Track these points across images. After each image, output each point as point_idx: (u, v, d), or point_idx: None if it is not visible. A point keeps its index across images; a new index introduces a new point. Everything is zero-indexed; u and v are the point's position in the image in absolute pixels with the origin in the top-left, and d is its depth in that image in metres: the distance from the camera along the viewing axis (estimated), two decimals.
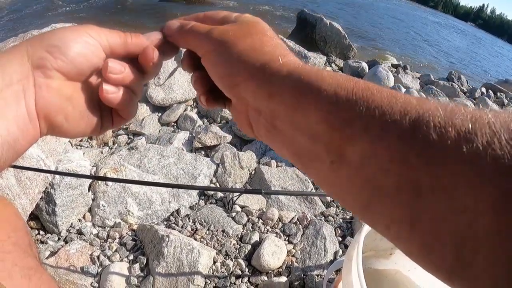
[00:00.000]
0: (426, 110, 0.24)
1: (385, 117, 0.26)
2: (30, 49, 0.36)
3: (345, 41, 6.02)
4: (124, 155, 1.91)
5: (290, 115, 0.32)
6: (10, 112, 0.35)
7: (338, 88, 0.29)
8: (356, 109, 0.27)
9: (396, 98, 0.27)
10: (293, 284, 1.44)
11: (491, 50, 27.63)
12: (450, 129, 0.22)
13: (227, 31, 0.39)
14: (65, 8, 9.44)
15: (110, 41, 0.41)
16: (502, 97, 6.24)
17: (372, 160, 0.26)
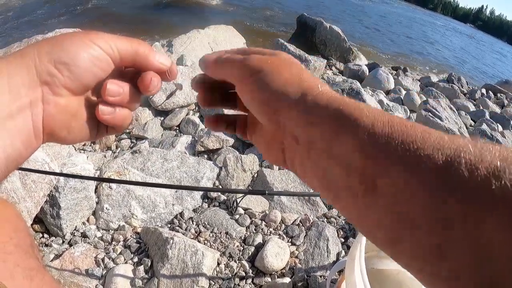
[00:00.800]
0: (458, 146, 0.25)
1: (419, 151, 0.26)
2: (38, 62, 0.36)
3: (345, 44, 6.04)
4: (127, 159, 1.93)
5: (327, 144, 0.32)
6: (16, 128, 0.35)
7: (375, 120, 0.30)
8: (392, 141, 0.28)
9: (430, 133, 0.27)
10: (296, 285, 1.45)
11: (491, 51, 27.64)
12: (480, 166, 0.23)
13: (265, 59, 0.39)
14: (67, 14, 9.49)
15: (120, 49, 0.40)
16: (502, 98, 6.25)
17: (404, 192, 0.26)
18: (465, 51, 21.22)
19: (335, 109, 0.33)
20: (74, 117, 0.40)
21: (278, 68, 0.38)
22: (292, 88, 0.36)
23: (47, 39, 0.38)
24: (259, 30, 10.17)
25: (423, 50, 15.33)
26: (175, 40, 3.80)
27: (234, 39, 4.73)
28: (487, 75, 14.40)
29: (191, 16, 10.50)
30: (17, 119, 0.35)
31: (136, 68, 0.43)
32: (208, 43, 4.15)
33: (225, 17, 10.52)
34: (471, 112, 4.49)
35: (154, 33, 7.63)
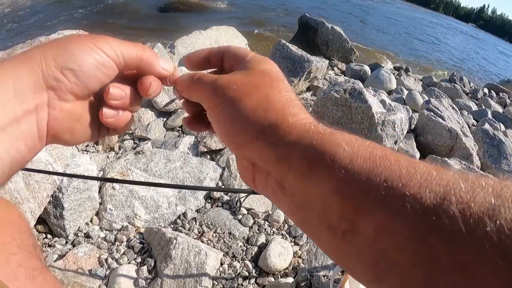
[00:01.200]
0: (448, 183, 0.23)
1: (404, 190, 0.24)
2: (45, 67, 0.36)
3: (347, 44, 6.04)
4: (130, 160, 1.93)
5: (300, 182, 0.30)
6: (21, 132, 0.35)
7: (354, 155, 0.28)
8: (372, 180, 0.26)
9: (415, 169, 0.25)
10: (299, 284, 1.45)
11: (493, 51, 27.58)
12: (473, 205, 0.21)
13: (232, 84, 0.37)
14: (70, 16, 9.53)
15: (124, 55, 0.40)
16: (505, 97, 6.23)
17: (387, 235, 0.24)
18: (467, 50, 21.18)
19: (307, 144, 0.30)
20: (78, 120, 0.40)
21: (245, 95, 0.36)
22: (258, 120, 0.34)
23: (53, 42, 0.38)
24: (261, 30, 10.18)
25: (424, 50, 15.30)
26: (177, 42, 3.80)
27: (236, 40, 4.73)
28: (489, 75, 14.36)
29: (195, 17, 10.52)
30: (23, 123, 0.35)
31: (138, 72, 0.44)
32: (210, 44, 4.15)
33: (227, 18, 10.54)
34: (474, 111, 4.48)
35: (156, 35, 7.65)
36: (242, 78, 0.37)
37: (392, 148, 0.29)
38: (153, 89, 0.43)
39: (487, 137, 2.91)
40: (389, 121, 2.32)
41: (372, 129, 2.28)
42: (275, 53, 3.31)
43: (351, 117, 2.33)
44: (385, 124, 2.31)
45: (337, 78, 4.22)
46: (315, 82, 3.59)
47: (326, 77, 3.91)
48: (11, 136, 0.34)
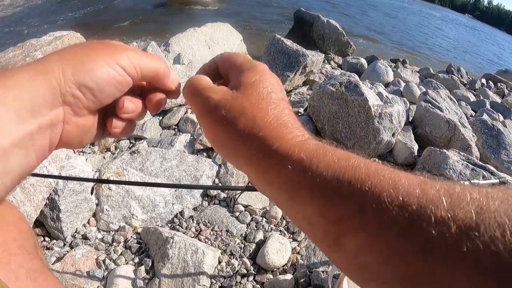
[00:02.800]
0: (429, 202, 0.24)
1: (383, 213, 0.25)
2: (63, 83, 0.35)
3: (343, 38, 6.01)
4: (126, 159, 1.92)
5: (289, 204, 0.32)
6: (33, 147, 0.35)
7: (334, 181, 0.29)
8: (352, 205, 0.27)
9: (398, 189, 0.26)
10: (298, 281, 1.44)
11: (490, 41, 27.54)
12: (452, 224, 0.22)
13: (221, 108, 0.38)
14: (64, 17, 9.48)
15: (142, 69, 0.41)
16: (503, 87, 6.22)
17: (368, 252, 0.26)
18: (464, 41, 21.14)
19: (291, 170, 0.32)
20: (88, 132, 0.41)
21: (233, 120, 0.36)
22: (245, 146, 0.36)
23: (72, 54, 0.37)
24: (256, 26, 10.14)
25: (422, 41, 15.26)
26: (171, 39, 3.78)
27: (231, 36, 4.71)
28: (487, 65, 14.34)
29: (189, 14, 10.48)
30: (36, 137, 0.35)
31: (148, 84, 0.44)
32: (205, 41, 4.13)
33: (222, 14, 10.49)
34: (472, 102, 4.47)
35: (150, 33, 7.62)
36: (231, 100, 0.38)
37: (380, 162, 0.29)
38: (162, 106, 0.45)
39: (486, 127, 2.90)
40: (386, 113, 2.31)
41: (369, 122, 2.27)
42: (270, 48, 3.29)
43: (348, 110, 2.32)
44: (382, 117, 2.29)
45: (333, 71, 4.20)
46: (311, 76, 3.57)
47: (322, 71, 3.89)
48: (24, 150, 0.34)
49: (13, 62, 2.02)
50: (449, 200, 0.23)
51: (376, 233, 0.25)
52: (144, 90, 0.44)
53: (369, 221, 0.26)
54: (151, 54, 0.43)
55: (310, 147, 0.33)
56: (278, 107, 0.38)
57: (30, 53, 2.12)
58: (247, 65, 0.42)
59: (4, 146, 0.32)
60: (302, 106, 2.91)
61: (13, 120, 0.32)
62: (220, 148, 0.39)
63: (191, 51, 3.76)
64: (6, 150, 0.32)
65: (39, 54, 2.14)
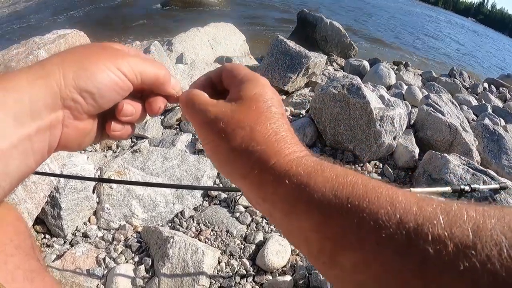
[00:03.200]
0: (426, 220, 0.24)
1: (381, 231, 0.25)
2: (63, 87, 0.35)
3: (346, 40, 6.01)
4: (128, 158, 1.93)
5: (284, 220, 0.32)
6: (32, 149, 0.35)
7: (332, 196, 0.29)
8: (350, 221, 0.27)
9: (396, 206, 0.26)
10: (297, 282, 1.44)
11: (493, 45, 27.50)
12: (449, 242, 0.22)
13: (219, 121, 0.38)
14: (66, 15, 9.50)
15: (143, 75, 0.41)
16: (505, 92, 6.21)
17: (365, 269, 0.26)
18: (467, 45, 21.11)
19: (287, 186, 0.32)
20: (87, 135, 0.41)
21: (231, 133, 0.37)
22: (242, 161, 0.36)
23: (72, 57, 0.37)
24: (259, 26, 10.15)
25: (425, 44, 15.25)
26: (174, 39, 3.78)
27: (234, 36, 4.72)
28: (489, 69, 14.32)
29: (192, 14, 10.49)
30: (35, 140, 0.35)
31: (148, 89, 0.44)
32: (208, 41, 4.13)
33: (225, 14, 10.50)
34: (474, 106, 4.46)
35: (153, 32, 7.63)
36: (230, 113, 0.38)
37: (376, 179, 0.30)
38: (161, 110, 0.45)
39: (487, 132, 2.90)
40: (388, 116, 2.31)
41: (370, 124, 2.27)
42: (273, 49, 3.29)
43: (349, 113, 2.32)
44: (383, 120, 2.29)
45: (336, 73, 4.20)
46: (313, 78, 3.57)
47: (324, 73, 3.89)
48: (23, 153, 0.34)
49: (16, 59, 2.03)
50: (446, 218, 0.23)
51: (373, 251, 0.25)
52: (145, 93, 0.44)
53: (366, 238, 0.26)
54: (152, 59, 0.44)
55: (308, 163, 0.33)
56: (277, 122, 0.38)
57: (34, 51, 2.13)
58: (249, 77, 0.42)
59: (3, 149, 0.32)
60: (304, 108, 2.91)
61: (12, 123, 0.32)
62: (217, 161, 0.39)
63: (194, 51, 3.76)
64: (5, 153, 0.32)
65: (43, 52, 2.15)
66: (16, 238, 0.56)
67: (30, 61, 2.04)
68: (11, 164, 0.33)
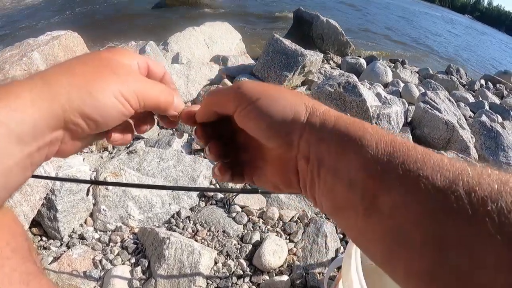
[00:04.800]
0: (457, 169, 0.26)
1: (419, 172, 0.27)
2: (68, 111, 0.36)
3: (342, 38, 6.01)
4: (123, 159, 1.92)
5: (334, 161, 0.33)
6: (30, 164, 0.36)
7: (379, 139, 0.31)
8: (393, 160, 0.29)
9: (430, 155, 0.28)
10: (294, 282, 1.44)
11: (490, 42, 27.56)
12: (478, 188, 0.24)
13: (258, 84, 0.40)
14: (61, 15, 9.46)
15: (146, 102, 0.41)
16: (502, 88, 6.22)
17: (402, 211, 0.27)
18: (463, 42, 21.13)
19: (342, 127, 0.34)
20: (84, 147, 0.43)
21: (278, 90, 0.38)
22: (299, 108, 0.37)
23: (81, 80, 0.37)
24: (256, 25, 10.14)
25: (421, 42, 15.26)
26: (170, 38, 3.77)
27: (230, 35, 4.71)
28: (486, 66, 14.35)
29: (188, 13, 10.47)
30: (35, 156, 0.36)
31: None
32: (204, 40, 4.12)
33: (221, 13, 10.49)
34: (471, 103, 4.47)
35: (149, 32, 7.61)
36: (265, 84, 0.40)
37: None
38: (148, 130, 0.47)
39: (484, 129, 2.90)
40: (384, 114, 2.31)
41: None
42: (268, 47, 3.28)
43: (346, 111, 2.31)
44: (380, 118, 2.29)
45: (332, 71, 4.20)
46: (309, 76, 3.57)
47: (321, 71, 3.89)
48: (23, 168, 0.35)
49: (10, 62, 2.02)
50: (474, 171, 0.25)
51: (412, 190, 0.26)
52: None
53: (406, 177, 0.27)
54: (156, 82, 0.44)
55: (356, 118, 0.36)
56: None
57: (27, 53, 2.12)
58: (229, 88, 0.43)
59: (6, 167, 0.33)
60: None
61: (15, 143, 0.33)
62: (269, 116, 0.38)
63: (189, 50, 3.75)
64: (8, 170, 0.33)
65: (36, 53, 2.13)
66: (13, 241, 0.56)
67: (23, 63, 2.03)
68: (12, 178, 0.34)
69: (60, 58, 2.33)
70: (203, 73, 2.66)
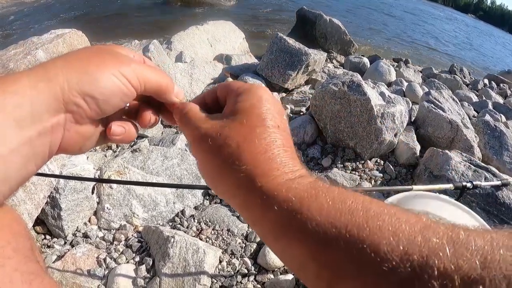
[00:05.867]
0: (432, 252, 0.23)
1: (383, 263, 0.24)
2: (67, 92, 0.34)
3: (345, 37, 6.00)
4: (127, 158, 1.92)
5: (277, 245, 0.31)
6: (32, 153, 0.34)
7: (328, 225, 0.27)
8: (349, 251, 0.25)
9: (399, 237, 0.24)
10: (299, 281, 1.43)
11: (493, 42, 27.45)
12: (456, 277, 0.21)
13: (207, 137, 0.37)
14: (64, 14, 9.48)
15: (146, 83, 0.40)
16: (505, 88, 6.20)
17: None
18: (467, 41, 21.06)
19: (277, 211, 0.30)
20: (89, 139, 0.41)
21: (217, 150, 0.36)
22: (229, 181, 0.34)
23: (76, 63, 0.37)
24: (259, 24, 10.13)
25: (425, 41, 15.22)
26: (173, 37, 3.77)
27: (233, 34, 4.70)
28: (490, 65, 14.29)
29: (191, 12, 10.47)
30: (36, 144, 0.34)
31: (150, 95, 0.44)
32: (207, 39, 4.12)
33: (225, 12, 10.48)
34: (474, 102, 4.45)
35: (152, 31, 7.61)
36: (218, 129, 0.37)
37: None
38: (152, 123, 0.45)
39: (488, 128, 2.89)
40: (389, 113, 2.30)
41: (371, 121, 2.26)
42: (272, 46, 3.28)
43: (350, 110, 2.31)
44: (384, 117, 2.28)
45: (336, 70, 4.19)
46: (313, 75, 3.56)
47: (324, 70, 3.88)
48: (24, 157, 0.33)
49: (14, 60, 2.02)
50: (453, 250, 0.22)
51: (374, 283, 0.24)
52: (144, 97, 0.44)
53: (367, 270, 0.24)
54: (156, 67, 0.43)
55: (300, 187, 0.31)
56: (270, 136, 0.36)
57: (32, 51, 2.12)
58: (245, 88, 0.41)
59: (3, 154, 0.31)
60: (304, 105, 2.90)
61: (12, 127, 0.31)
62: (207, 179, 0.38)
63: (193, 49, 3.75)
64: (5, 158, 0.31)
65: (41, 52, 2.13)
66: (14, 240, 0.56)
67: (28, 61, 2.03)
68: (11, 168, 0.33)
69: None
70: (206, 72, 2.66)
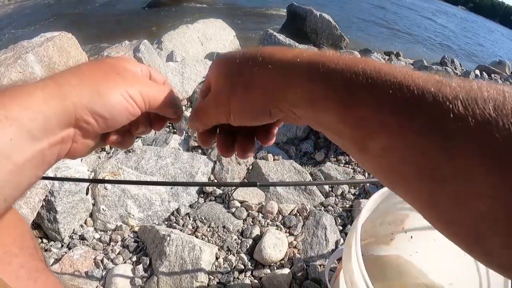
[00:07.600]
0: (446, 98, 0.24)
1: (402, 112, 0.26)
2: (79, 109, 0.38)
3: (336, 31, 6.02)
4: (121, 159, 1.92)
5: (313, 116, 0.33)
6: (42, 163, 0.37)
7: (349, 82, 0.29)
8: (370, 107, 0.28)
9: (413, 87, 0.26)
10: (296, 275, 1.45)
11: (484, 33, 27.61)
12: (470, 119, 0.22)
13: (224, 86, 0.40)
14: (53, 16, 9.41)
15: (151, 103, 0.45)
16: (497, 78, 6.24)
17: (392, 152, 0.27)
18: (458, 33, 21.16)
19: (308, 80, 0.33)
20: (93, 148, 0.45)
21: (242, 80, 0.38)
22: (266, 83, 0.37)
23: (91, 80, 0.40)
24: (250, 21, 10.11)
25: (415, 33, 15.27)
26: (164, 37, 3.76)
27: (223, 32, 4.70)
28: (481, 56, 14.38)
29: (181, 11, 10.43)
30: (46, 153, 0.37)
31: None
32: (198, 38, 4.11)
33: (215, 10, 10.45)
34: None
35: (143, 31, 7.57)
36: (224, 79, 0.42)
37: None
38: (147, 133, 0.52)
39: None
40: None
41: None
42: (262, 43, 3.29)
43: None
44: None
45: None
46: None
47: None
48: (35, 165, 0.37)
49: (5, 64, 2.01)
50: (466, 95, 0.23)
51: (397, 132, 0.26)
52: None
53: (388, 122, 0.26)
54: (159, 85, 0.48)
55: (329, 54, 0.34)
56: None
57: (22, 55, 2.11)
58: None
59: (18, 163, 0.34)
60: None
61: (27, 139, 0.34)
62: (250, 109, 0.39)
63: (184, 48, 3.75)
64: (20, 167, 0.34)
65: (31, 55, 2.13)
66: (19, 239, 0.57)
67: (19, 65, 2.02)
68: (24, 176, 0.36)
69: (55, 59, 2.32)
70: (198, 70, 2.66)
